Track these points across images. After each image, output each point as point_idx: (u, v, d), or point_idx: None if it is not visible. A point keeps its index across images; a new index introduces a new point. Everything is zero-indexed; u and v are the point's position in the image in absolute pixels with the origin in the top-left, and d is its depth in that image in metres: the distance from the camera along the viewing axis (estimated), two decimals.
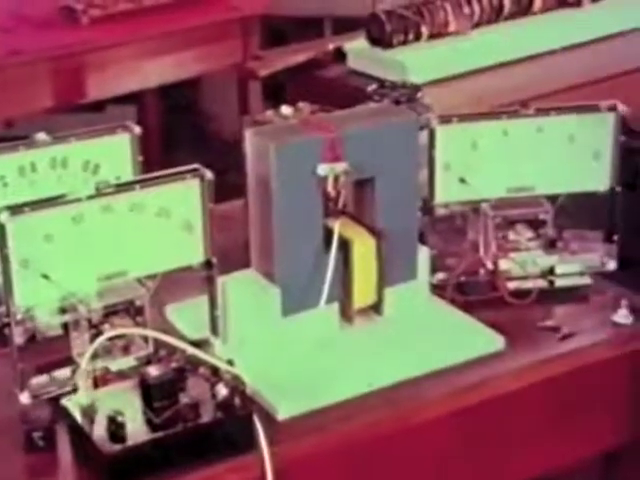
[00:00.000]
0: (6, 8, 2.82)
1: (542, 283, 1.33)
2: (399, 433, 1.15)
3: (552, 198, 1.35)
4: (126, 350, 1.12)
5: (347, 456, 1.13)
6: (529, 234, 1.34)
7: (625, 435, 1.29)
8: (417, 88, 1.49)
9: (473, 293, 1.32)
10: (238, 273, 1.25)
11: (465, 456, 1.20)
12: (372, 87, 1.50)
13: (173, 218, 1.14)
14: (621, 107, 1.32)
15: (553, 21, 2.50)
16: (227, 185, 1.29)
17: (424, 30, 2.34)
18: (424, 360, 1.21)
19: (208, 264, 1.17)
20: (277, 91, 2.61)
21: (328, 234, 1.22)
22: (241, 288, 1.22)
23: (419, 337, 1.25)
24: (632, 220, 1.35)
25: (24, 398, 1.11)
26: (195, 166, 1.14)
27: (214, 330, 1.18)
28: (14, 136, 1.31)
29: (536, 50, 2.42)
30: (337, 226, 1.21)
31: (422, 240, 1.32)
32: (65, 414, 1.08)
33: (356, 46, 2.43)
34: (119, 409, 1.03)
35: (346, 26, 3.02)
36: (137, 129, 1.29)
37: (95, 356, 1.09)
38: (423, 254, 1.30)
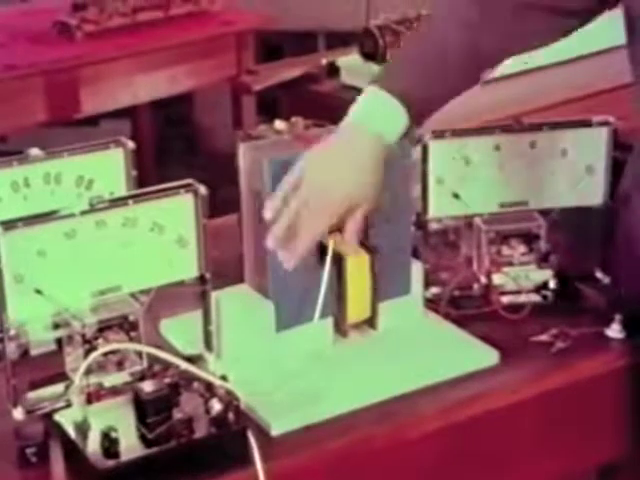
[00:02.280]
0: (0, 23, 2.83)
1: (536, 297, 1.33)
2: (393, 448, 1.15)
3: (545, 213, 1.35)
4: (120, 365, 1.12)
5: (342, 471, 1.13)
6: (522, 248, 1.34)
7: (619, 449, 1.29)
8: None
9: (467, 307, 1.32)
10: (232, 288, 1.25)
11: (460, 471, 1.20)
12: None
13: (167, 233, 1.14)
14: (613, 121, 1.33)
15: None
16: (221, 199, 1.29)
17: None
18: (418, 375, 1.21)
19: (202, 279, 1.17)
20: (271, 105, 2.61)
21: (322, 249, 1.22)
22: (235, 303, 1.22)
23: (413, 352, 1.25)
24: (625, 233, 1.35)
25: (17, 414, 1.11)
26: (189, 181, 1.14)
27: (208, 345, 1.18)
28: (7, 151, 1.31)
29: (528, 65, 2.43)
30: (331, 241, 1.21)
31: (415, 255, 1.32)
32: (58, 430, 1.08)
33: (349, 61, 2.44)
34: (113, 425, 1.03)
35: (339, 41, 3.03)
36: (131, 144, 1.29)
37: (89, 371, 1.08)
38: (417, 269, 1.30)
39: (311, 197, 1.13)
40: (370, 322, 1.28)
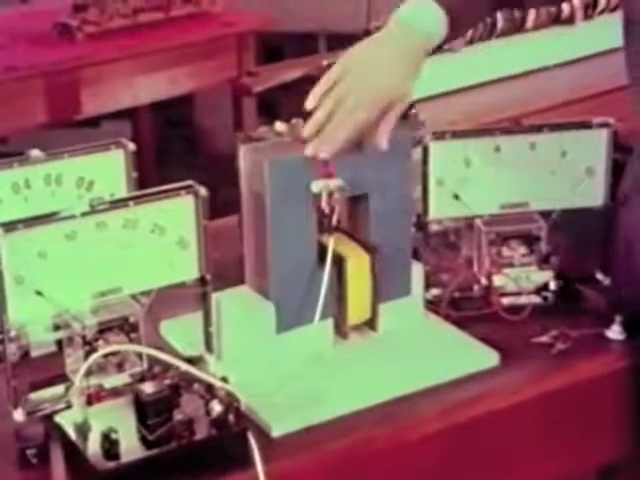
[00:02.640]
0: (1, 24, 2.83)
1: (536, 299, 1.33)
2: (394, 449, 1.15)
3: (545, 214, 1.35)
4: (120, 367, 1.12)
5: (342, 473, 1.13)
6: (523, 250, 1.34)
7: (619, 450, 1.29)
8: (411, 104, 1.50)
9: (467, 309, 1.32)
10: (232, 289, 1.25)
11: (460, 472, 1.20)
12: None
13: (167, 235, 1.14)
14: (613, 123, 1.33)
15: (546, 38, 2.51)
16: (221, 201, 1.29)
17: None
18: (419, 376, 1.21)
19: (202, 280, 1.17)
20: (271, 107, 2.62)
21: (322, 250, 1.22)
22: (235, 304, 1.22)
23: (414, 353, 1.25)
24: (624, 234, 1.35)
25: (18, 415, 1.11)
26: (189, 183, 1.14)
27: (208, 347, 1.18)
28: (8, 152, 1.32)
29: (529, 67, 2.43)
30: (331, 242, 1.21)
31: (416, 256, 1.32)
32: (59, 431, 1.08)
33: None
34: (113, 426, 1.03)
35: (340, 42, 3.03)
36: (131, 146, 1.29)
37: (89, 373, 1.08)
38: (417, 270, 1.30)
39: (356, 83, 1.14)
40: (370, 323, 1.28)
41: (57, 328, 1.11)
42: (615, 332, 1.28)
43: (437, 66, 2.36)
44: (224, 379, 1.08)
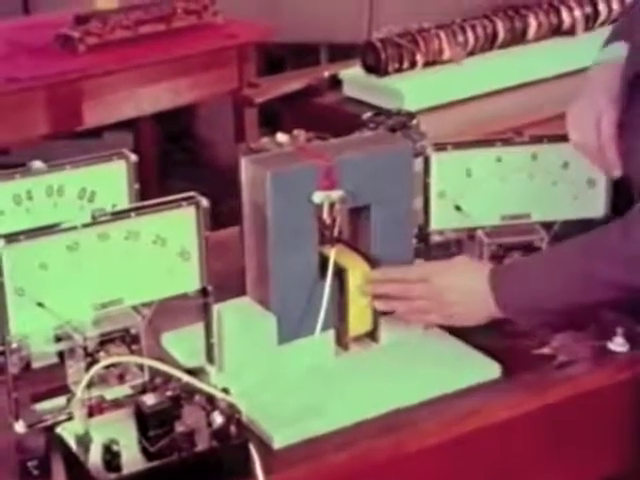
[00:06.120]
0: (3, 36, 2.83)
1: None
2: (395, 461, 1.14)
3: (547, 225, 1.35)
4: (121, 378, 1.12)
5: None
6: None
7: (622, 462, 1.28)
8: (412, 115, 1.50)
9: None
10: (234, 301, 1.25)
11: None
12: (367, 115, 1.50)
13: (169, 246, 1.14)
14: None
15: (547, 49, 2.52)
16: (223, 212, 1.29)
17: (419, 58, 2.36)
18: (420, 388, 1.20)
19: (204, 292, 1.17)
20: (273, 118, 2.62)
21: (323, 262, 1.22)
22: (237, 316, 1.22)
23: (415, 365, 1.25)
24: None
25: (19, 427, 1.10)
26: (191, 194, 1.15)
27: (210, 358, 1.18)
28: (10, 164, 1.32)
29: (530, 78, 2.43)
30: (332, 253, 1.21)
31: None
32: (60, 443, 1.08)
33: (351, 73, 2.44)
34: (114, 438, 1.03)
35: (342, 53, 3.04)
36: (133, 157, 1.29)
37: (90, 384, 1.08)
38: None
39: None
40: (372, 335, 1.28)
41: (58, 340, 1.11)
42: (618, 344, 1.27)
43: (439, 77, 2.38)
44: (225, 390, 1.08)
